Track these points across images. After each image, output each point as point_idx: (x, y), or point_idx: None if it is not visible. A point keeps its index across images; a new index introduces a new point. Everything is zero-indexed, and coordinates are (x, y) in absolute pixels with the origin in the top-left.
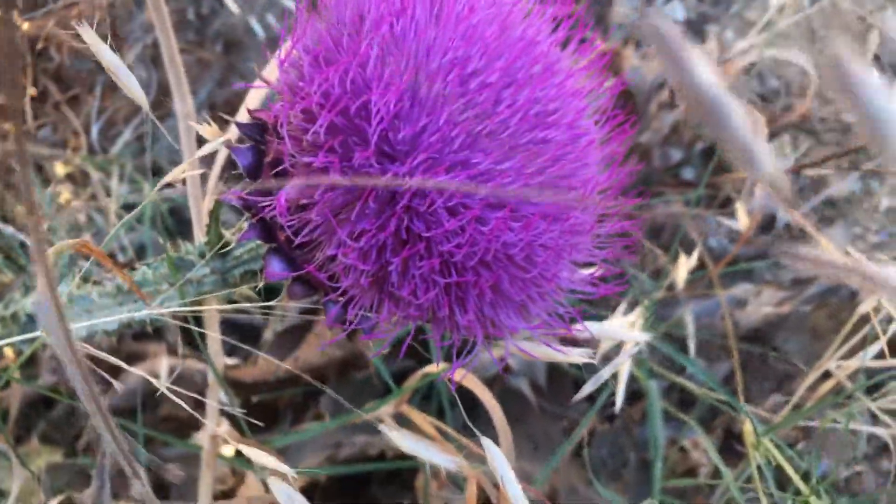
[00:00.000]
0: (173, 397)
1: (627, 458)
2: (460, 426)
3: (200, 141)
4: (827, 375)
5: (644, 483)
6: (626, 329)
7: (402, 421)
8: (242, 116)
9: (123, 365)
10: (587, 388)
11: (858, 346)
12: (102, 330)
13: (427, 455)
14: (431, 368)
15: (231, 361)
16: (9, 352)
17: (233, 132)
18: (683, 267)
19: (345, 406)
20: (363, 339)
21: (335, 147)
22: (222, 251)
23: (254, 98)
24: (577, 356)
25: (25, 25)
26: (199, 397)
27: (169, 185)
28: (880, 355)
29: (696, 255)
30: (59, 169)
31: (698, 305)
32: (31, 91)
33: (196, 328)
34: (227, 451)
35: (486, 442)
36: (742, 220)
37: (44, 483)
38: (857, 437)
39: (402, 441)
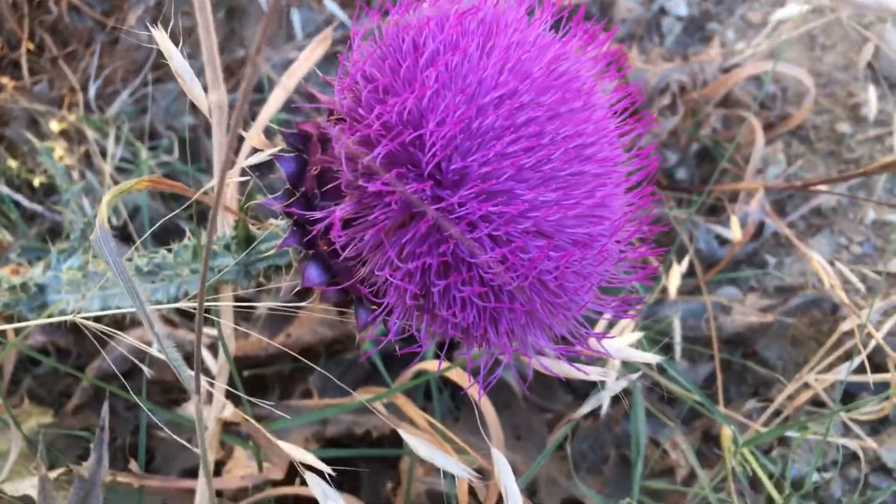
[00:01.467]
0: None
1: (608, 454)
2: (446, 410)
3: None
4: (805, 385)
5: (623, 478)
6: (638, 350)
7: (390, 406)
8: (265, 117)
9: (116, 332)
10: (589, 405)
11: (837, 359)
12: (116, 306)
13: (445, 465)
14: (427, 365)
15: None
16: None
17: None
18: (676, 275)
19: (333, 383)
20: (400, 352)
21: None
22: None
23: (277, 100)
24: (595, 375)
25: None
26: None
27: (167, 150)
28: (859, 369)
29: (686, 260)
30: (54, 125)
31: (685, 308)
32: (28, 44)
33: (213, 316)
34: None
35: (495, 454)
36: (735, 232)
37: (40, 450)
38: (830, 447)
39: (422, 450)
